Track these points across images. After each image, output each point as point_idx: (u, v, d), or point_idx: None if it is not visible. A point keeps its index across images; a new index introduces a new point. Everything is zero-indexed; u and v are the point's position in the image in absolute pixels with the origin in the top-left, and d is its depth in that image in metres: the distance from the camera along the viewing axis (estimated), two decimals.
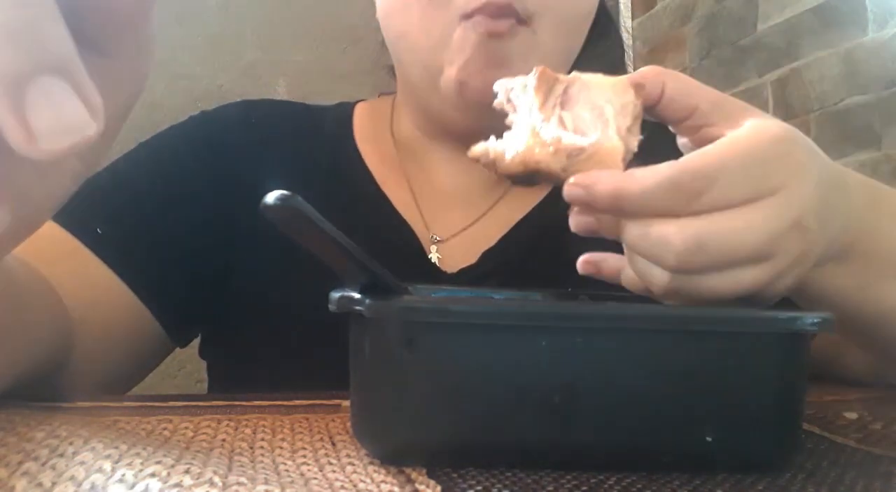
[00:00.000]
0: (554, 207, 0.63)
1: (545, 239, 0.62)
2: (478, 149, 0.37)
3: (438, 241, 0.61)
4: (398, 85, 0.67)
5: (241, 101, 0.68)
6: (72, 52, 0.20)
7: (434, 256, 0.60)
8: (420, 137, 0.65)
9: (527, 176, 0.36)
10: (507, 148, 0.36)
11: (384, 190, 0.63)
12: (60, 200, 0.28)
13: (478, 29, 0.53)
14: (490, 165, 0.36)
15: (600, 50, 0.62)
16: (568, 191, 0.34)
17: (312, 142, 0.65)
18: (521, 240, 0.61)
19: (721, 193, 0.33)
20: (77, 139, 0.20)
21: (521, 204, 0.64)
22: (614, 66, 0.66)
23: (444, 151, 0.64)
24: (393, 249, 0.59)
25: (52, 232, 0.54)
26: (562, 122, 0.36)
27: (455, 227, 0.62)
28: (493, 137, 0.37)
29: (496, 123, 0.38)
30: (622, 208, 0.33)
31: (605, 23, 0.65)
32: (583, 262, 0.42)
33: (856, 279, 0.40)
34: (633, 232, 0.34)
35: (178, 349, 0.62)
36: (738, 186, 0.33)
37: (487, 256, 0.60)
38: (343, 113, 0.68)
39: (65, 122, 0.20)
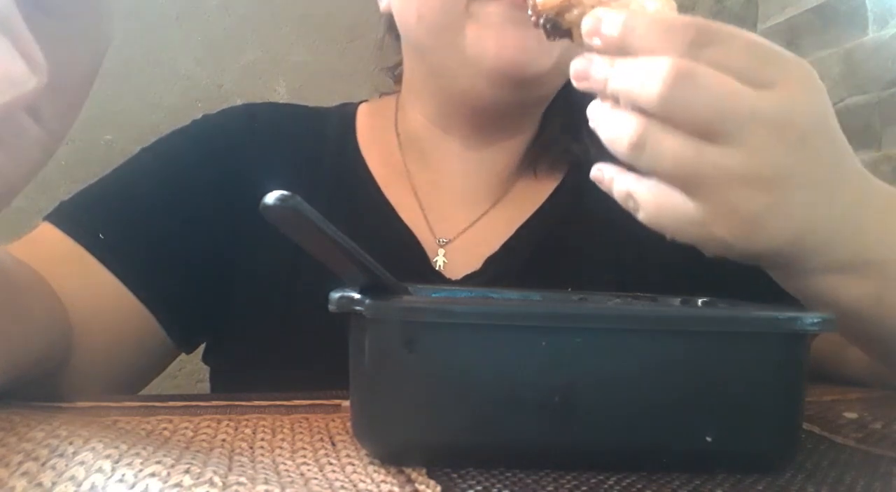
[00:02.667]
0: (554, 210, 0.63)
1: (547, 244, 0.62)
2: None
3: (443, 243, 0.61)
4: (406, 79, 0.66)
5: (243, 104, 0.68)
6: (10, 8, 0.20)
7: (438, 263, 0.60)
8: (430, 129, 0.64)
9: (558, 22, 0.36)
10: None
11: (387, 194, 0.62)
12: (27, 173, 0.27)
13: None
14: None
15: None
16: (584, 21, 0.34)
17: (315, 147, 0.64)
18: (524, 245, 0.61)
19: (722, 55, 0.32)
20: (16, 93, 0.20)
21: (522, 206, 0.64)
22: None
23: (453, 146, 0.63)
24: (396, 256, 0.59)
25: (54, 237, 0.54)
26: None
27: (458, 226, 0.62)
28: None
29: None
30: (627, 42, 0.33)
31: None
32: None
33: (872, 291, 0.39)
34: (624, 63, 0.33)
35: None
36: (742, 58, 0.33)
37: (491, 261, 0.60)
38: (346, 116, 0.68)
39: (2, 74, 0.20)
